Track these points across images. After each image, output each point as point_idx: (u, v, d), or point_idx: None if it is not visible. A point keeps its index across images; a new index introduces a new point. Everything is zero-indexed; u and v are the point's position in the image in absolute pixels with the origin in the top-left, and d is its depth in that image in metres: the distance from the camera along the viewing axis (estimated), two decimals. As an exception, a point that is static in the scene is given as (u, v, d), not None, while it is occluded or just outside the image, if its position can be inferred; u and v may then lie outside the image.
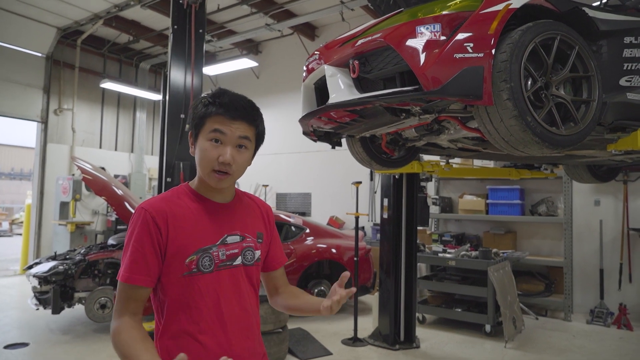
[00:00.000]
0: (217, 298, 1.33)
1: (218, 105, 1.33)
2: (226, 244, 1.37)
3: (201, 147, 1.34)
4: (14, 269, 9.14)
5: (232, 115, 1.33)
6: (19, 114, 8.89)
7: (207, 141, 1.33)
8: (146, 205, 1.32)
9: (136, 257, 1.27)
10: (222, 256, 1.35)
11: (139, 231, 1.28)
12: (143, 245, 1.27)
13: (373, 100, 2.11)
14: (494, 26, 1.88)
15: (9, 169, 28.30)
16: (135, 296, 1.28)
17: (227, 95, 1.36)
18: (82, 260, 5.00)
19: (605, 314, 5.82)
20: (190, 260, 1.30)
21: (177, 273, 1.30)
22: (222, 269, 1.35)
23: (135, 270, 1.27)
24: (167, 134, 4.39)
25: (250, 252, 1.42)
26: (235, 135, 1.33)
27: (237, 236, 1.40)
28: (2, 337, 4.83)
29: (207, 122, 1.33)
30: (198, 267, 1.31)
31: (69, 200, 8.74)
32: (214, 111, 1.33)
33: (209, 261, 1.33)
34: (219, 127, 1.32)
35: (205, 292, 1.31)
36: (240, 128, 1.34)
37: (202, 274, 1.31)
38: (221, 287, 1.34)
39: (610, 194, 6.25)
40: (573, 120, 2.07)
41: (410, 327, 4.90)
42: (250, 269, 1.42)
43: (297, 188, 9.57)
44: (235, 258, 1.38)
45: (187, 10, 4.50)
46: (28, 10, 8.10)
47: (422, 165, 4.46)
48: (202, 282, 1.31)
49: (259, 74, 10.25)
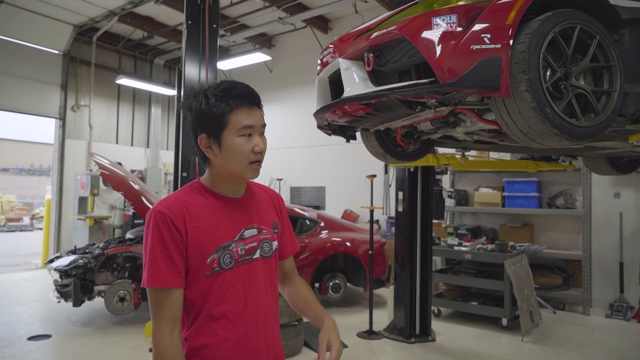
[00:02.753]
0: (237, 293, 1.33)
1: (236, 97, 1.30)
2: (244, 239, 1.37)
3: (233, 144, 1.30)
4: (36, 263, 9.36)
5: (253, 103, 1.33)
6: (37, 110, 9.06)
7: (238, 137, 1.30)
8: (162, 207, 1.29)
9: (160, 259, 1.25)
10: (241, 251, 1.35)
11: (158, 234, 1.26)
12: (166, 246, 1.25)
13: (388, 93, 2.09)
14: (511, 16, 1.84)
15: (29, 165, 28.91)
16: (168, 300, 1.24)
17: (238, 86, 1.33)
18: (101, 254, 5.09)
19: (625, 308, 5.72)
20: (212, 259, 1.30)
21: (200, 273, 1.29)
22: (241, 264, 1.35)
23: (160, 273, 1.24)
24: (182, 128, 4.43)
25: (267, 244, 1.42)
26: (259, 124, 1.34)
27: (254, 229, 1.40)
28: (26, 329, 4.96)
29: (232, 118, 1.29)
30: (220, 265, 1.31)
31: (87, 195, 8.91)
32: (236, 104, 1.29)
33: (229, 258, 1.33)
34: (247, 120, 1.30)
35: (226, 288, 1.32)
36: (260, 115, 1.35)
37: (224, 271, 1.32)
38: (241, 281, 1.34)
39: (630, 186, 6.11)
40: (593, 112, 2.02)
41: (425, 321, 4.89)
42: (269, 261, 1.43)
43: (312, 182, 9.58)
44: (254, 252, 1.38)
45: (201, 5, 4.51)
46: (44, 8, 8.22)
47: (437, 158, 4.42)
48: (223, 279, 1.31)
49: (273, 68, 10.25)
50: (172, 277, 1.25)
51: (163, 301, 1.24)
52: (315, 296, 1.57)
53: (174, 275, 1.25)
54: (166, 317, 1.24)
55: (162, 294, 1.24)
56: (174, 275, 1.25)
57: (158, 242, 1.25)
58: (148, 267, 1.25)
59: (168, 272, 1.24)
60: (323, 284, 5.90)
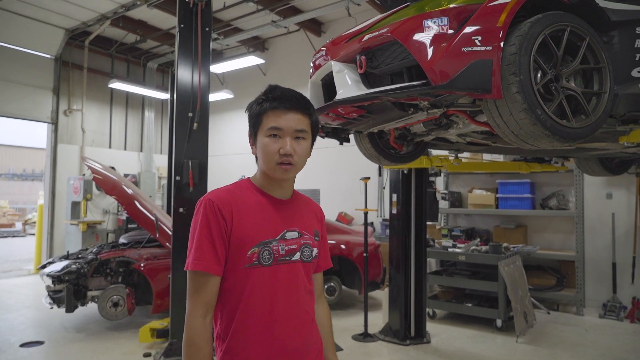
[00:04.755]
0: (273, 292, 1.35)
1: (271, 99, 1.37)
2: (285, 239, 1.39)
3: (262, 144, 1.37)
4: (28, 269, 9.27)
5: (286, 107, 1.37)
6: (29, 115, 8.99)
7: (266, 137, 1.37)
8: (212, 196, 1.36)
9: (204, 246, 1.31)
10: (281, 251, 1.37)
11: (206, 221, 1.32)
12: (211, 234, 1.31)
13: (380, 96, 2.10)
14: (502, 18, 1.85)
15: (21, 170, 28.69)
16: (206, 285, 1.30)
17: (279, 90, 1.40)
18: (94, 259, 5.06)
19: (618, 308, 5.76)
20: (252, 252, 1.33)
21: (239, 265, 1.33)
22: (280, 264, 1.37)
23: (203, 258, 1.30)
24: (175, 132, 4.41)
25: (308, 249, 1.44)
26: (291, 127, 1.36)
27: (296, 232, 1.43)
28: (18, 336, 4.90)
29: (263, 119, 1.38)
30: (259, 259, 1.34)
31: (80, 200, 8.84)
32: (268, 106, 1.37)
33: (268, 255, 1.35)
34: (275, 121, 1.35)
35: (261, 285, 1.33)
36: (295, 119, 1.37)
37: (262, 267, 1.34)
38: (278, 281, 1.36)
39: (622, 187, 6.16)
40: (584, 113, 2.04)
41: (420, 323, 4.90)
42: (308, 266, 1.45)
43: (306, 184, 9.57)
44: (293, 254, 1.40)
45: (194, 8, 4.50)
46: (36, 12, 8.18)
47: (430, 160, 4.44)
48: (260, 275, 1.34)
49: (266, 71, 10.25)
50: (213, 264, 1.30)
51: (202, 286, 1.30)
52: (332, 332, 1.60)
53: (215, 262, 1.31)
54: (202, 301, 1.30)
55: (201, 279, 1.30)
56: (215, 262, 1.31)
57: (205, 228, 1.32)
58: (192, 251, 1.31)
59: (210, 258, 1.30)
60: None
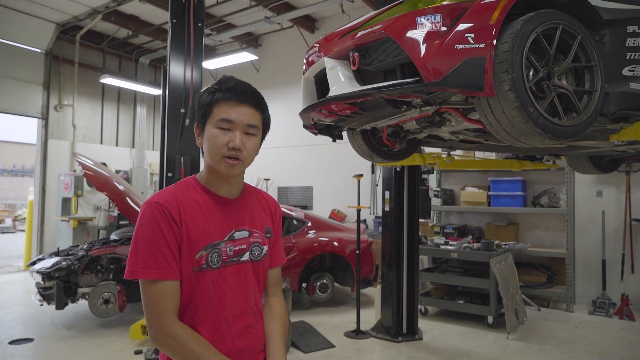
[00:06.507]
0: (221, 293, 1.32)
1: (225, 90, 1.32)
2: (234, 240, 1.36)
3: (210, 135, 1.31)
4: (18, 265, 9.18)
5: (239, 99, 1.32)
6: (19, 110, 8.88)
7: (215, 128, 1.31)
8: (159, 199, 1.29)
9: (160, 251, 1.24)
10: (229, 252, 1.34)
11: (156, 225, 1.25)
12: (164, 237, 1.25)
13: (373, 93, 2.09)
14: (495, 16, 1.85)
15: (11, 166, 28.37)
16: (171, 292, 1.24)
17: (233, 80, 1.35)
18: (85, 256, 5.01)
19: (607, 305, 5.82)
20: (200, 256, 1.29)
21: (188, 268, 1.29)
22: (228, 265, 1.34)
23: (166, 263, 1.24)
24: (167, 128, 4.38)
25: (257, 248, 1.42)
26: (243, 121, 1.32)
27: (245, 231, 1.40)
28: (7, 333, 4.86)
29: (214, 109, 1.32)
30: (207, 262, 1.30)
31: (71, 196, 8.77)
32: (221, 96, 1.31)
33: (217, 257, 1.32)
34: (226, 113, 1.30)
35: (211, 287, 1.31)
36: (248, 113, 1.33)
37: (210, 270, 1.31)
38: (227, 282, 1.33)
39: (612, 185, 6.23)
40: (575, 111, 2.05)
41: (412, 319, 4.92)
42: (258, 265, 1.42)
43: (299, 181, 9.57)
44: (242, 254, 1.38)
45: (186, 3, 4.47)
46: (27, 6, 8.07)
47: (423, 157, 4.45)
48: (209, 278, 1.31)
49: (259, 68, 10.21)
50: (172, 269, 1.25)
51: (165, 293, 1.23)
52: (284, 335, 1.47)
53: (174, 267, 1.26)
54: (170, 308, 1.24)
55: (164, 286, 1.23)
56: (175, 267, 1.26)
57: (158, 233, 1.24)
58: (146, 259, 1.23)
59: (169, 263, 1.24)
60: (310, 283, 5.90)
